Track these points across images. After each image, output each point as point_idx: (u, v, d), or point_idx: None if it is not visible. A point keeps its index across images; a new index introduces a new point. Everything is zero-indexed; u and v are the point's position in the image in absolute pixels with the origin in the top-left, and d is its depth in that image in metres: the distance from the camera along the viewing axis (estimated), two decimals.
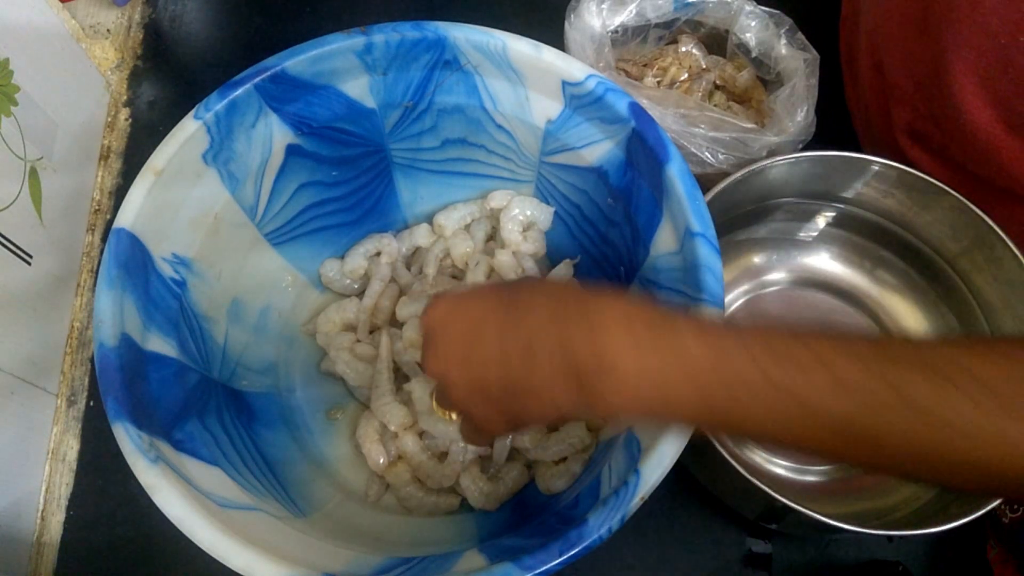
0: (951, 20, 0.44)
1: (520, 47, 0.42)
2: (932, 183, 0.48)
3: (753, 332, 0.28)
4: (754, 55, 0.58)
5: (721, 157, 0.51)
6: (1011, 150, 0.45)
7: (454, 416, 0.34)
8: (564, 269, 0.51)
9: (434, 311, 0.33)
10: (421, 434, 0.47)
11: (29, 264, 0.50)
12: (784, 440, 0.28)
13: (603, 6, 0.56)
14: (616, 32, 0.58)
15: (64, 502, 0.51)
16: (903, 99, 0.52)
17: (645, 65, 0.60)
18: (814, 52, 0.55)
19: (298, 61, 0.42)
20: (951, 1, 0.44)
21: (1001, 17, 0.41)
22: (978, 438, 0.26)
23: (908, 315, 0.55)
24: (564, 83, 0.43)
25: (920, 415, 0.26)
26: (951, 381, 0.26)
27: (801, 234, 0.56)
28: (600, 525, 0.32)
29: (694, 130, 0.51)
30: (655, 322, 0.29)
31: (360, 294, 0.53)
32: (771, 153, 0.51)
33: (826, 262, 0.57)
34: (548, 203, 0.51)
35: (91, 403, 0.54)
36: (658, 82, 0.59)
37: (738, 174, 0.47)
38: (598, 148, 0.44)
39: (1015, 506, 0.46)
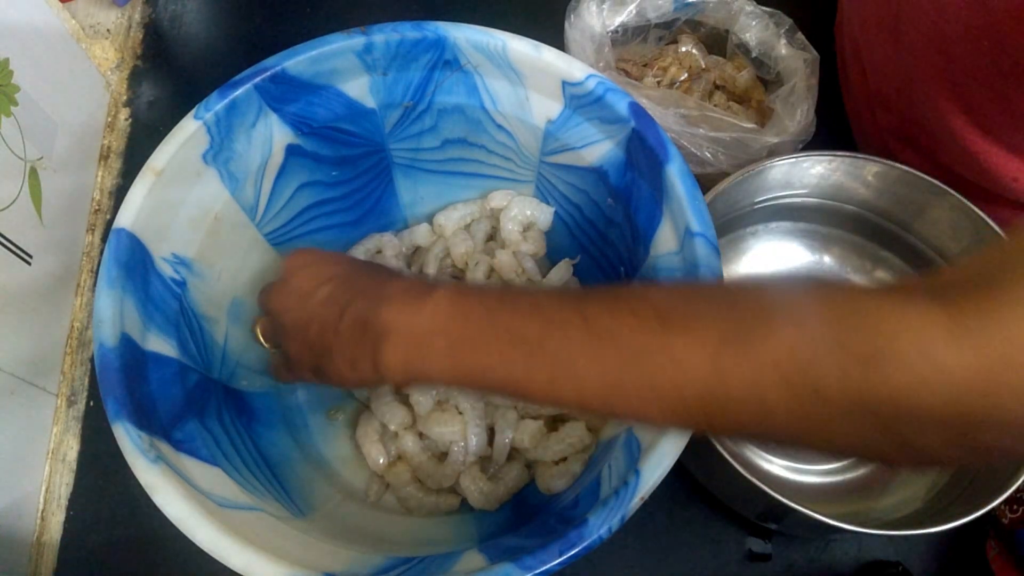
0: (918, 26, 0.45)
1: (520, 47, 0.42)
2: (932, 183, 0.48)
3: (495, 291, 0.32)
4: (754, 55, 0.58)
5: (721, 157, 0.51)
6: (987, 154, 0.45)
7: (268, 346, 0.40)
8: (564, 269, 0.51)
9: (296, 258, 0.38)
10: (421, 434, 0.47)
11: (29, 264, 0.50)
12: (520, 391, 0.31)
13: (603, 6, 0.56)
14: (616, 32, 0.58)
15: (64, 502, 0.51)
16: (887, 104, 0.52)
17: (645, 65, 0.60)
18: (814, 52, 0.55)
19: (298, 61, 0.42)
20: (918, 8, 0.44)
21: (965, 23, 0.41)
22: (651, 356, 0.27)
23: None
24: (564, 83, 0.43)
25: (605, 339, 0.28)
26: (631, 310, 0.29)
27: (801, 234, 0.56)
28: (600, 525, 0.32)
29: (694, 130, 0.51)
30: (422, 291, 0.32)
31: None
32: (771, 153, 0.51)
33: (826, 262, 0.57)
34: (548, 203, 0.51)
35: (91, 403, 0.54)
36: (658, 82, 0.59)
37: (738, 174, 0.47)
38: (598, 148, 0.44)
39: (1015, 506, 0.46)
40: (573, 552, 0.32)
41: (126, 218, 0.39)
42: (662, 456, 0.33)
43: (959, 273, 0.26)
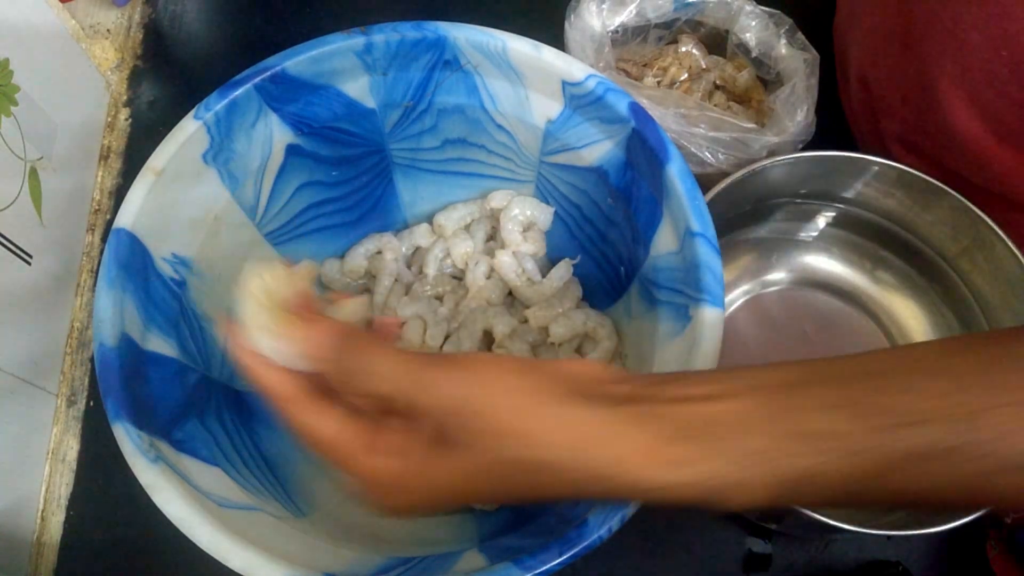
0: (933, 34, 0.45)
1: (520, 47, 0.42)
2: (932, 183, 0.48)
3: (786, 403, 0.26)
4: (754, 55, 0.58)
5: (721, 157, 0.51)
6: (1002, 160, 0.45)
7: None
8: (564, 269, 0.51)
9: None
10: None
11: (29, 264, 0.50)
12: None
13: (603, 6, 0.56)
14: (616, 32, 0.58)
15: (64, 502, 0.51)
16: (891, 111, 0.52)
17: (645, 65, 0.60)
18: (814, 52, 0.55)
19: (298, 61, 0.42)
20: (932, 15, 0.44)
21: (982, 32, 0.41)
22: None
23: (908, 315, 0.55)
24: (564, 83, 0.43)
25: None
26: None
27: (801, 234, 0.56)
28: (600, 525, 0.32)
29: (694, 130, 0.51)
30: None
31: (360, 294, 0.53)
32: (771, 153, 0.51)
33: (826, 262, 0.57)
34: (548, 203, 0.51)
35: (91, 403, 0.54)
36: (658, 82, 0.59)
37: (738, 174, 0.47)
38: (598, 148, 0.44)
39: None
40: (573, 552, 0.32)
41: (126, 218, 0.39)
42: None
43: None
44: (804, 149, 0.52)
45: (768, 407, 0.25)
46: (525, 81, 0.44)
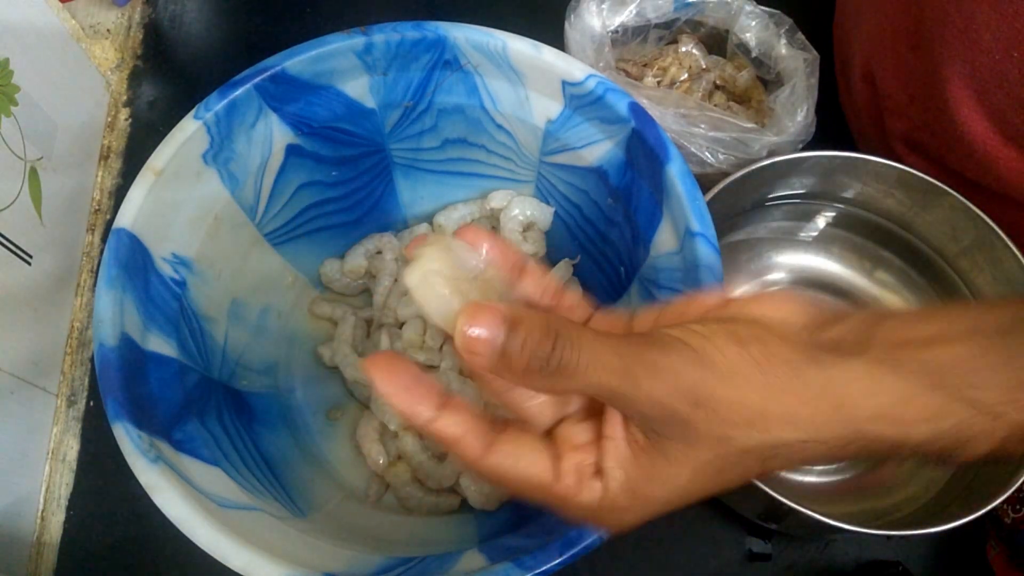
0: (944, 34, 0.45)
1: (520, 47, 0.42)
2: (932, 183, 0.48)
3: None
4: (754, 55, 0.58)
5: (721, 157, 0.51)
6: (1008, 160, 0.45)
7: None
8: (564, 269, 0.51)
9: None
10: (421, 434, 0.47)
11: (29, 264, 0.50)
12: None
13: (603, 6, 0.56)
14: (616, 32, 0.58)
15: (64, 502, 0.51)
16: (897, 110, 0.52)
17: (645, 65, 0.60)
18: (814, 52, 0.55)
19: (298, 61, 0.42)
20: (944, 16, 0.44)
21: (994, 33, 0.41)
22: None
23: None
24: (564, 83, 0.43)
25: None
26: None
27: (801, 234, 0.56)
28: None
29: (694, 130, 0.51)
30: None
31: (360, 293, 0.54)
32: (771, 153, 0.51)
33: (826, 262, 0.57)
34: (548, 203, 0.51)
35: (91, 403, 0.54)
36: (658, 82, 0.59)
37: (738, 174, 0.47)
38: (598, 148, 0.44)
39: (1017, 506, 0.46)
40: (573, 552, 0.32)
41: (126, 218, 0.39)
42: None
43: None
44: (804, 149, 0.53)
45: (994, 352, 0.24)
46: (525, 81, 0.44)
